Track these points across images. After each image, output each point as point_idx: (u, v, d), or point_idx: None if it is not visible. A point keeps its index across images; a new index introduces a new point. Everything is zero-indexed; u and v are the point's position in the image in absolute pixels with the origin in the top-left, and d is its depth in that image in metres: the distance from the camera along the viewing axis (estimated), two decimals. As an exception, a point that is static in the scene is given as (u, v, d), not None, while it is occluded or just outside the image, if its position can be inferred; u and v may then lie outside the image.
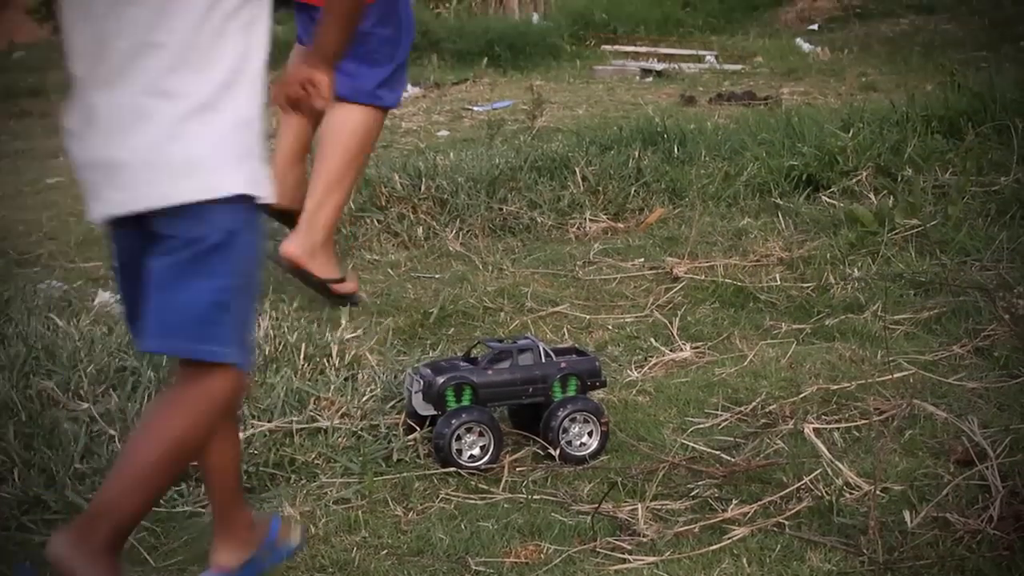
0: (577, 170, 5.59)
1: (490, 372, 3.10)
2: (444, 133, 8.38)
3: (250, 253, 2.27)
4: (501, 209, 5.32)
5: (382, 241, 5.21)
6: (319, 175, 4.38)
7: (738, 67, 11.06)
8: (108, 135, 2.17)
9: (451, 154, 6.25)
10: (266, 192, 2.26)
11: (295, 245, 4.35)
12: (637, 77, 10.89)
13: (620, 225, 5.34)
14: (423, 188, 5.44)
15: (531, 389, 3.13)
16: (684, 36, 13.14)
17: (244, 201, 2.19)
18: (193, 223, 2.14)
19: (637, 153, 5.90)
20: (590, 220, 5.33)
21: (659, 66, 11.17)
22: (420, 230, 5.22)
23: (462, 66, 12.03)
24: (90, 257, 5.36)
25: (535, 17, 14.13)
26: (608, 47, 12.72)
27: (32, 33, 34.15)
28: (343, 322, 3.97)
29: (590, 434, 3.10)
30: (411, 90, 10.85)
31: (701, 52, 11.92)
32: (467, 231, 5.22)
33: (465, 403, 3.06)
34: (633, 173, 5.68)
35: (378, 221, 5.31)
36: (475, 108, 9.43)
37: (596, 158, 5.82)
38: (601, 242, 5.08)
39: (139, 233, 2.20)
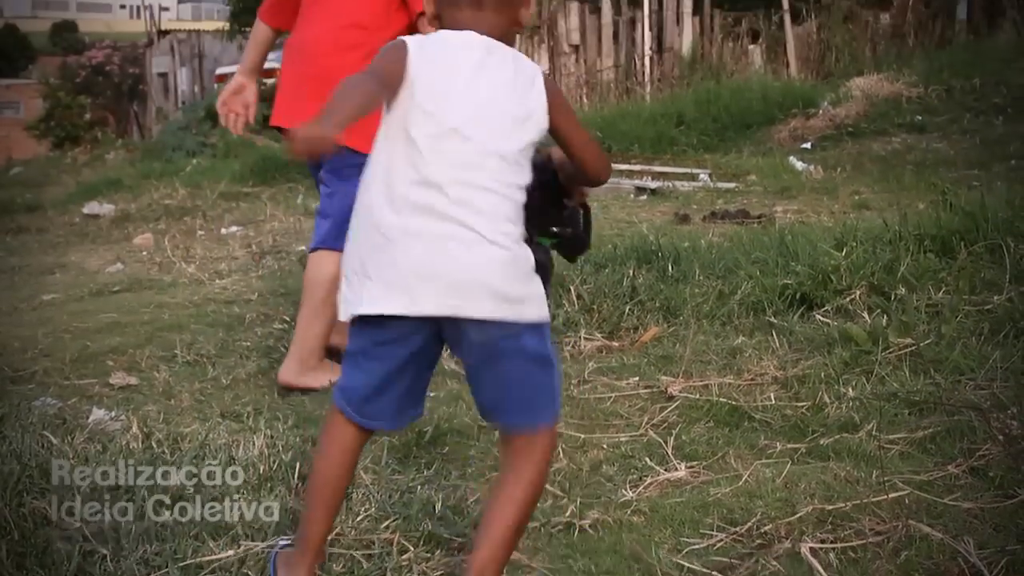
0: (572, 288, 5.62)
1: None
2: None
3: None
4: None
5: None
6: (302, 310, 5.00)
7: (732, 185, 11.12)
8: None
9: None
10: None
11: (286, 371, 4.91)
12: (631, 195, 10.94)
13: (615, 343, 5.34)
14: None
15: None
16: (678, 154, 13.23)
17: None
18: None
19: (632, 271, 5.93)
20: (585, 338, 5.34)
21: (653, 184, 11.24)
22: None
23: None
24: (84, 374, 5.36)
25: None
26: (603, 165, 12.80)
27: (30, 149, 34.43)
28: (338, 441, 3.96)
29: None
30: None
31: (695, 170, 11.99)
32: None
33: None
34: (628, 291, 5.70)
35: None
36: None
37: (591, 276, 5.86)
38: (596, 360, 5.09)
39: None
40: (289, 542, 3.12)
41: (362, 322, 2.75)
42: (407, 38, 2.80)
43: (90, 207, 14.00)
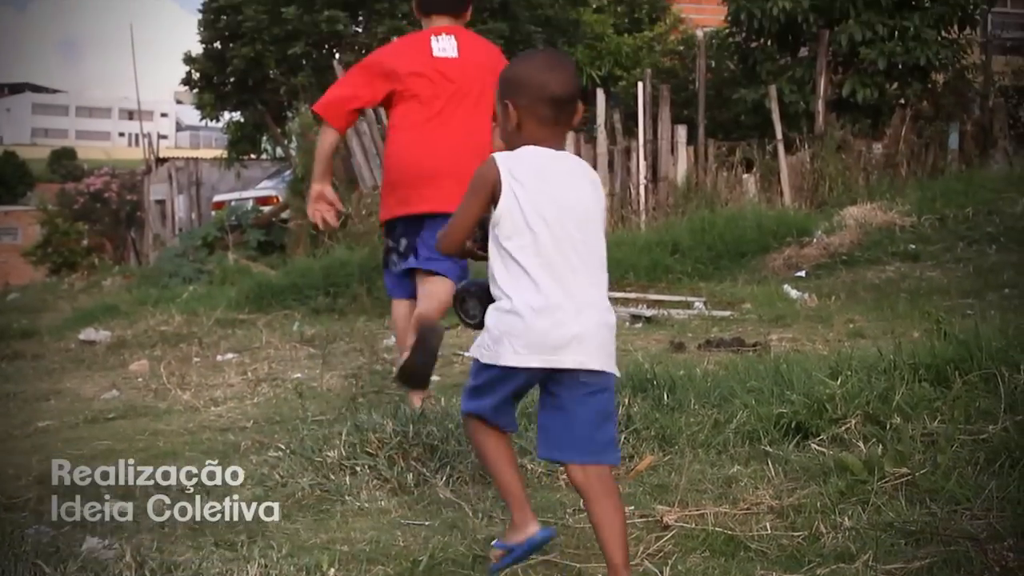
0: (567, 416, 5.62)
1: None
2: (435, 378, 8.42)
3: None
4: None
5: (371, 487, 5.20)
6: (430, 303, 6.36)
7: (727, 313, 11.16)
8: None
9: (442, 400, 6.30)
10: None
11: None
12: (627, 323, 10.97)
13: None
14: (413, 434, 5.45)
15: None
16: (673, 282, 13.30)
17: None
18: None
19: (627, 400, 5.93)
20: (580, 467, 5.33)
21: (648, 312, 11.28)
22: (410, 476, 5.22)
23: (452, 311, 12.15)
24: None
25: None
26: (598, 293, 12.86)
27: (27, 275, 34.53)
28: (331, 571, 3.96)
29: None
30: (402, 335, 10.95)
31: (690, 298, 12.05)
32: (457, 478, 5.21)
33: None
34: (623, 420, 5.69)
35: (368, 467, 5.31)
36: (464, 354, 9.48)
37: (586, 405, 5.85)
38: (591, 489, 5.07)
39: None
40: (497, 542, 4.05)
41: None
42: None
43: (86, 333, 14.02)
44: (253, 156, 28.19)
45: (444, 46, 6.57)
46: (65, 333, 14.90)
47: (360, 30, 24.31)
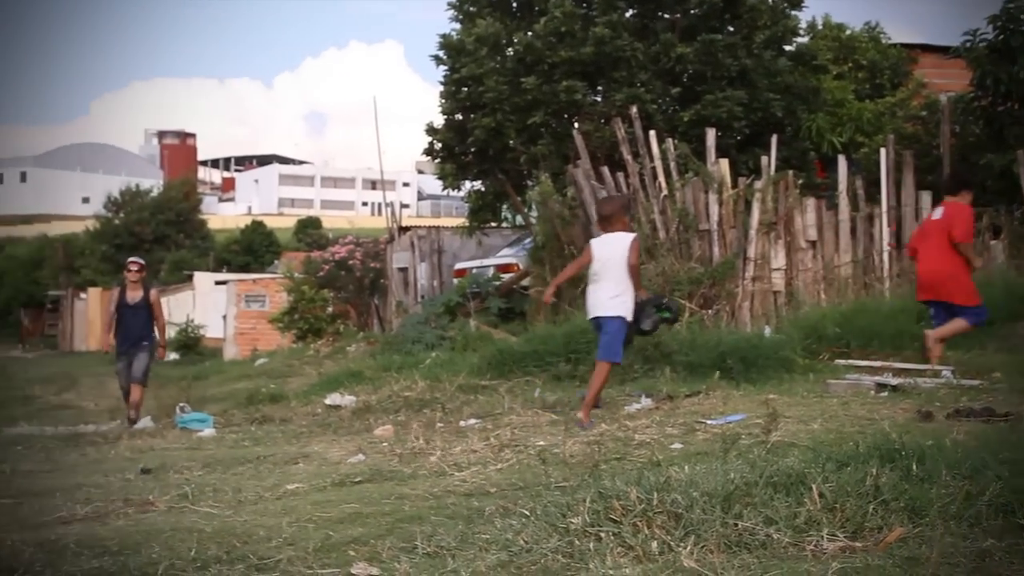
0: (814, 486, 5.54)
1: None
2: (678, 446, 8.40)
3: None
4: (736, 525, 5.28)
5: (615, 554, 5.19)
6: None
7: (976, 382, 10.87)
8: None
9: (685, 467, 6.27)
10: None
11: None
12: (872, 392, 10.77)
13: (858, 544, 5.23)
14: (657, 502, 5.43)
15: None
16: (919, 351, 13.00)
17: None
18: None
19: (875, 470, 5.82)
20: (827, 538, 5.24)
21: (894, 381, 11.05)
22: (654, 544, 5.20)
23: (694, 378, 12.11)
24: (327, 564, 5.46)
25: (767, 330, 14.20)
26: (842, 361, 12.68)
27: (274, 340, 35.49)
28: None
29: None
30: (644, 402, 10.96)
31: (937, 367, 11.77)
32: (702, 547, 5.17)
33: None
34: (871, 491, 5.59)
35: (612, 534, 5.31)
36: (708, 421, 9.44)
37: (833, 474, 5.76)
38: (839, 561, 4.98)
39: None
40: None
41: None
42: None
43: (332, 398, 14.36)
44: (493, 224, 28.50)
45: None
46: (312, 397, 15.29)
47: (598, 99, 24.46)
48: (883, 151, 18.51)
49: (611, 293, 10.92)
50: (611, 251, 10.98)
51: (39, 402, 25.05)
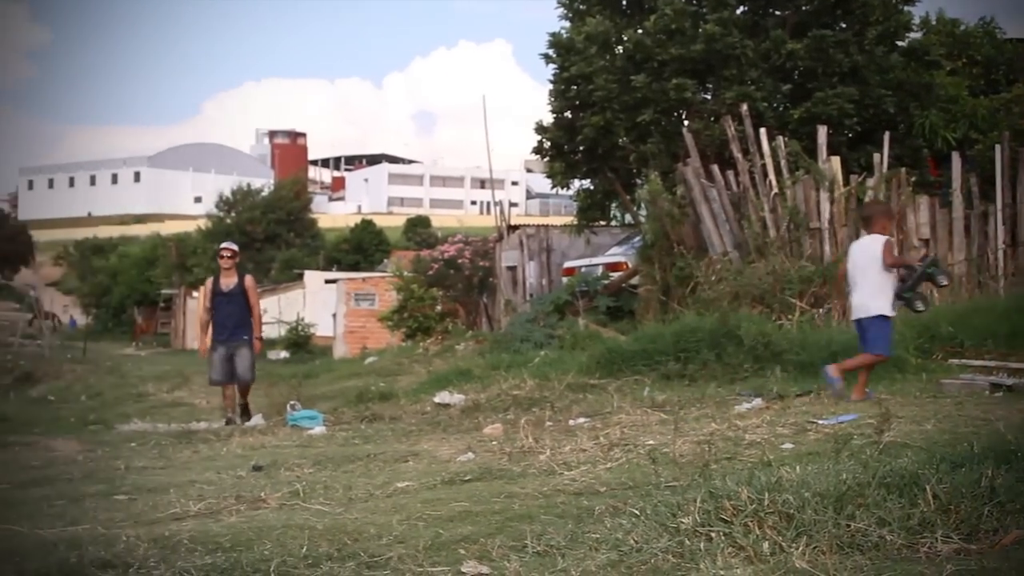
0: (927, 488, 5.47)
1: None
2: (788, 446, 8.33)
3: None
4: (849, 526, 5.23)
5: (726, 555, 5.16)
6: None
7: (1095, 384, 10.68)
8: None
9: (796, 468, 6.22)
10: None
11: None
12: (987, 392, 10.63)
13: (973, 546, 5.15)
14: (768, 502, 5.40)
15: None
16: (1035, 350, 12.80)
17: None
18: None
19: (990, 471, 5.73)
20: (941, 540, 5.18)
21: (1009, 381, 10.88)
22: (766, 545, 5.16)
23: (805, 378, 12.03)
24: (437, 562, 5.47)
25: (879, 329, 14.04)
26: (955, 360, 12.52)
27: (384, 339, 35.72)
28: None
29: None
30: (754, 401, 10.89)
31: (1054, 367, 11.57)
32: (814, 548, 5.13)
33: None
34: (986, 492, 5.51)
35: (723, 535, 5.28)
36: (820, 421, 9.36)
37: (947, 475, 5.68)
38: (953, 563, 4.91)
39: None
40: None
41: None
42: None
43: (441, 396, 14.42)
44: (602, 223, 28.49)
45: None
46: (421, 396, 15.37)
47: (708, 97, 24.37)
48: (998, 148, 18.26)
49: (869, 295, 11.02)
50: (865, 254, 11.11)
51: (152, 399, 25.37)
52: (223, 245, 16.44)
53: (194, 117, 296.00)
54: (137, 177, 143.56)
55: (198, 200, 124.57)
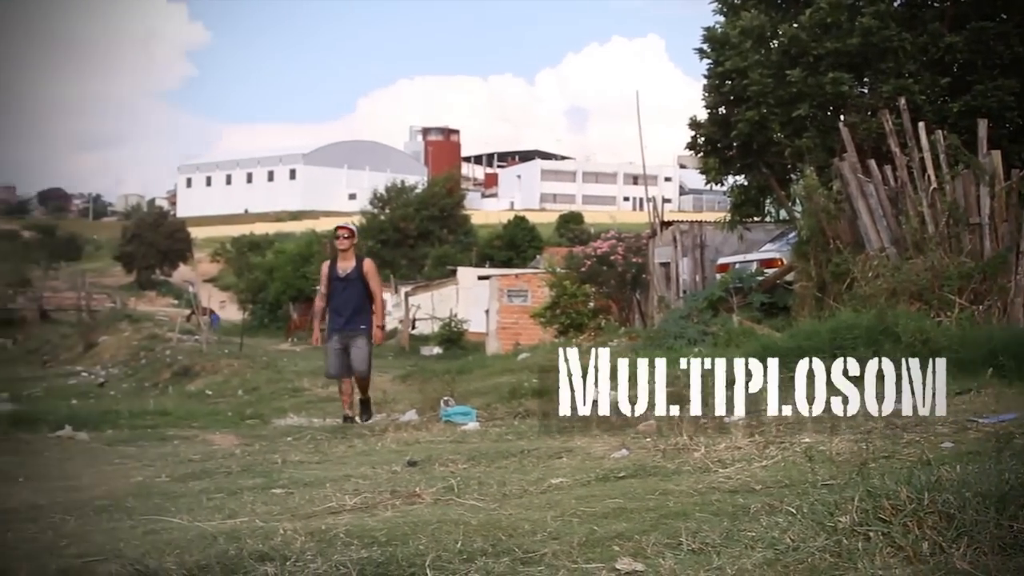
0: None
1: None
2: (948, 445, 8.20)
3: None
4: (1011, 527, 5.13)
5: (885, 555, 5.10)
6: None
7: None
8: None
9: (956, 467, 6.11)
10: None
11: None
12: None
13: None
14: (928, 501, 5.32)
15: None
16: None
17: None
18: None
19: None
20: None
21: None
22: (925, 545, 5.08)
23: (964, 376, 11.80)
24: (591, 559, 5.47)
25: (1042, 326, 13.77)
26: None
27: (536, 335, 35.83)
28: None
29: None
30: (912, 399, 10.72)
31: None
32: (976, 548, 5.04)
33: None
34: None
35: (882, 534, 5.22)
36: (980, 420, 9.19)
37: None
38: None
39: None
40: None
41: None
42: None
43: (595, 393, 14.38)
44: (756, 219, 28.27)
45: None
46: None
47: (865, 91, 24.06)
48: None
49: None
50: None
51: (307, 394, 25.71)
52: (339, 225, 15.55)
53: (349, 115, 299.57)
54: (293, 174, 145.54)
55: (352, 197, 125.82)
